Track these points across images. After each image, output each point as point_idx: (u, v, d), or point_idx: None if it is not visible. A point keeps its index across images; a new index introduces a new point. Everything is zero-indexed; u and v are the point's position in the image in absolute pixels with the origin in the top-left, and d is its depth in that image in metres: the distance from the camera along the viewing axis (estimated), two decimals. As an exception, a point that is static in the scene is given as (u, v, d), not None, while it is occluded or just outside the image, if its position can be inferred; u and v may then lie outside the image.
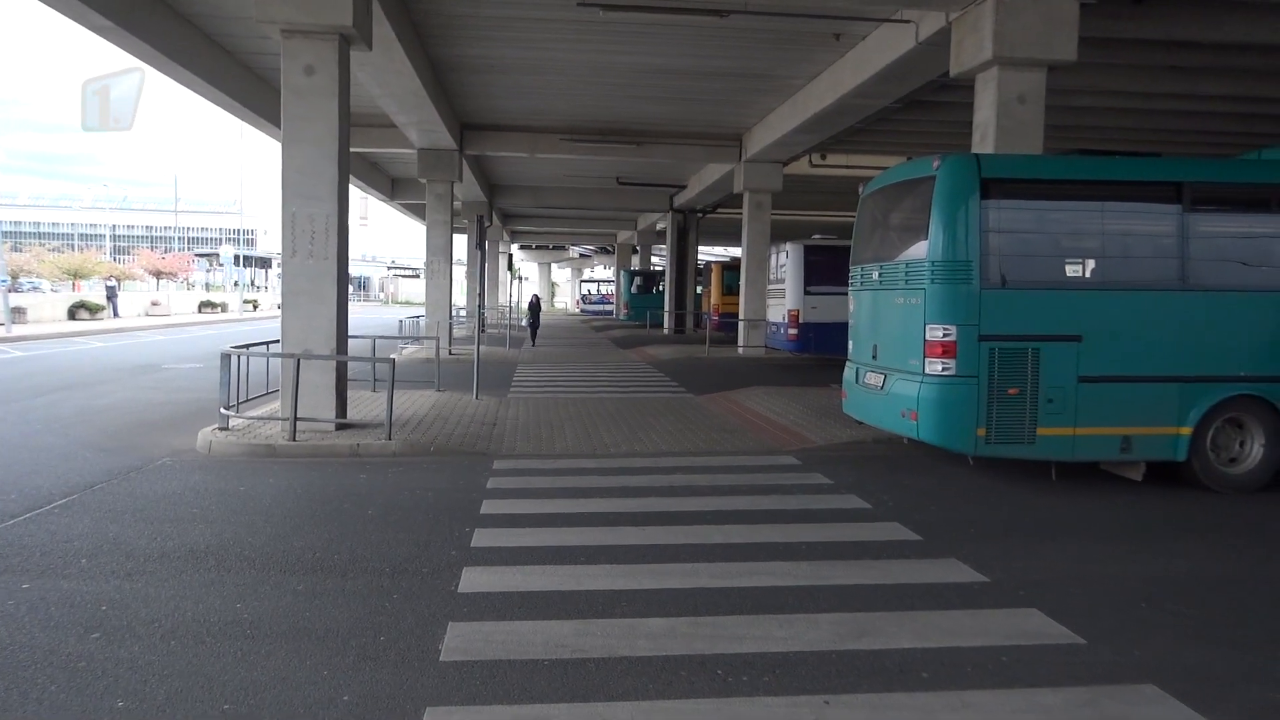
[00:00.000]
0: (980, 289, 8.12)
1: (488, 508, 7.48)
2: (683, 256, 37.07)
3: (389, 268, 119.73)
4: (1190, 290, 8.37)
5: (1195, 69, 15.05)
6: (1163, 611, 5.23)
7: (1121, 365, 8.27)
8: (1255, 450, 8.44)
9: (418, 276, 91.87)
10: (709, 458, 9.87)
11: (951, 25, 11.55)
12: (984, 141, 11.13)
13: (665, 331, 36.07)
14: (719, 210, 34.56)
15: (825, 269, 21.27)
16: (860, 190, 10.25)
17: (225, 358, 10.54)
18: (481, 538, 6.56)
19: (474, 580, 5.59)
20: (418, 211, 38.55)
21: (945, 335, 8.21)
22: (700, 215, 36.07)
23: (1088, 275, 8.58)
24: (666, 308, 37.54)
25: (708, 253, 54.20)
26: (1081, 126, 19.11)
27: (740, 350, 25.19)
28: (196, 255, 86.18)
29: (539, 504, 7.63)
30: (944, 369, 8.22)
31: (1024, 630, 4.88)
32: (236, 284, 63.50)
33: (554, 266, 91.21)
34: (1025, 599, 5.36)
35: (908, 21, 12.88)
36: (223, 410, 10.45)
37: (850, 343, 10.20)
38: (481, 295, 15.54)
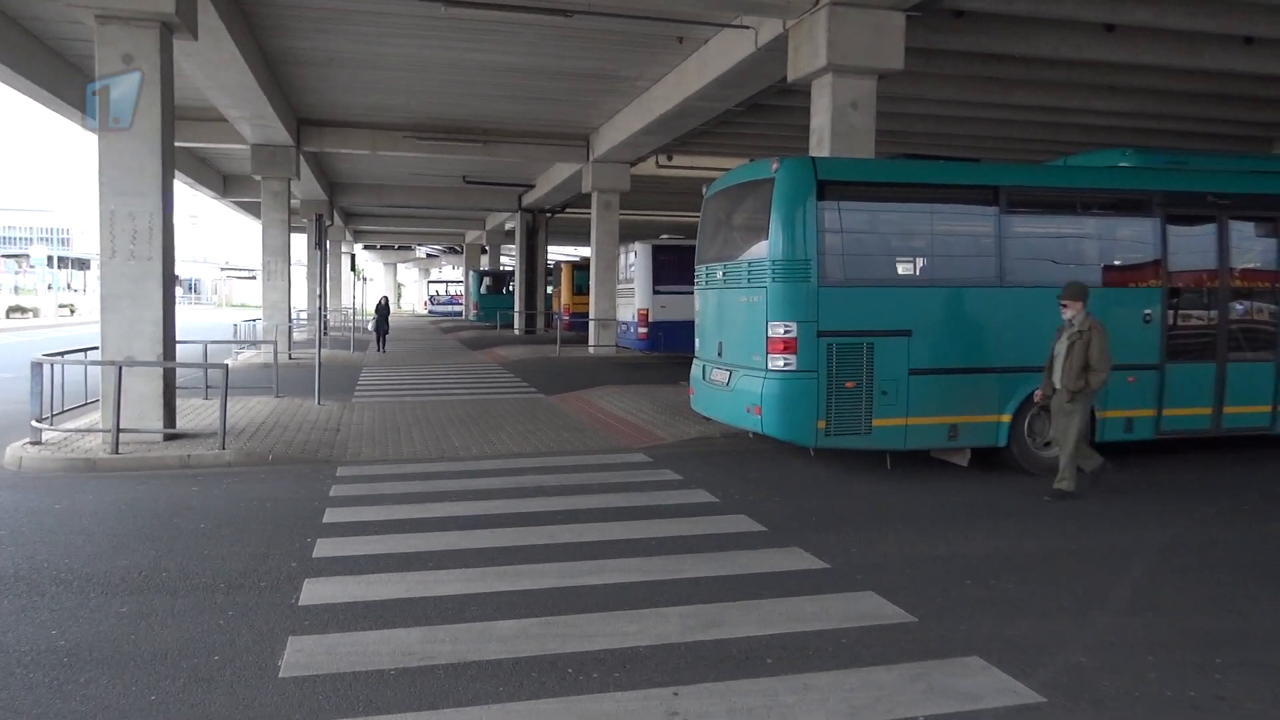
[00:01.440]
0: (818, 287, 8.43)
1: (331, 516, 7.23)
2: (532, 256, 36.92)
3: (223, 269, 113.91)
4: (1007, 287, 8.95)
5: (1010, 80, 16.11)
6: (985, 588, 5.57)
7: (947, 358, 8.76)
8: (1066, 435, 9.11)
9: (254, 278, 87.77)
10: (560, 458, 9.86)
11: (788, 33, 11.95)
12: (820, 145, 11.57)
13: (516, 332, 35.82)
14: (568, 210, 34.59)
15: (674, 268, 21.61)
16: (704, 191, 10.47)
17: (37, 366, 9.78)
18: (324, 547, 6.33)
19: (316, 592, 5.38)
20: (253, 210, 36.84)
21: (786, 332, 8.48)
22: (549, 215, 36.01)
23: (916, 273, 9.06)
24: (517, 308, 37.29)
25: (558, 252, 54.13)
26: (910, 132, 20.16)
27: (591, 350, 25.29)
28: (3, 256, 79.54)
29: (386, 510, 7.43)
30: (785, 365, 8.49)
31: (861, 612, 5.10)
32: (50, 287, 58.98)
33: (400, 267, 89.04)
34: (862, 583, 5.61)
35: (747, 28, 13.24)
36: (34, 423, 9.69)
37: (697, 340, 10.41)
38: (323, 297, 15.00)
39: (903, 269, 9.16)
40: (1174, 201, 9.38)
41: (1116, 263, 9.54)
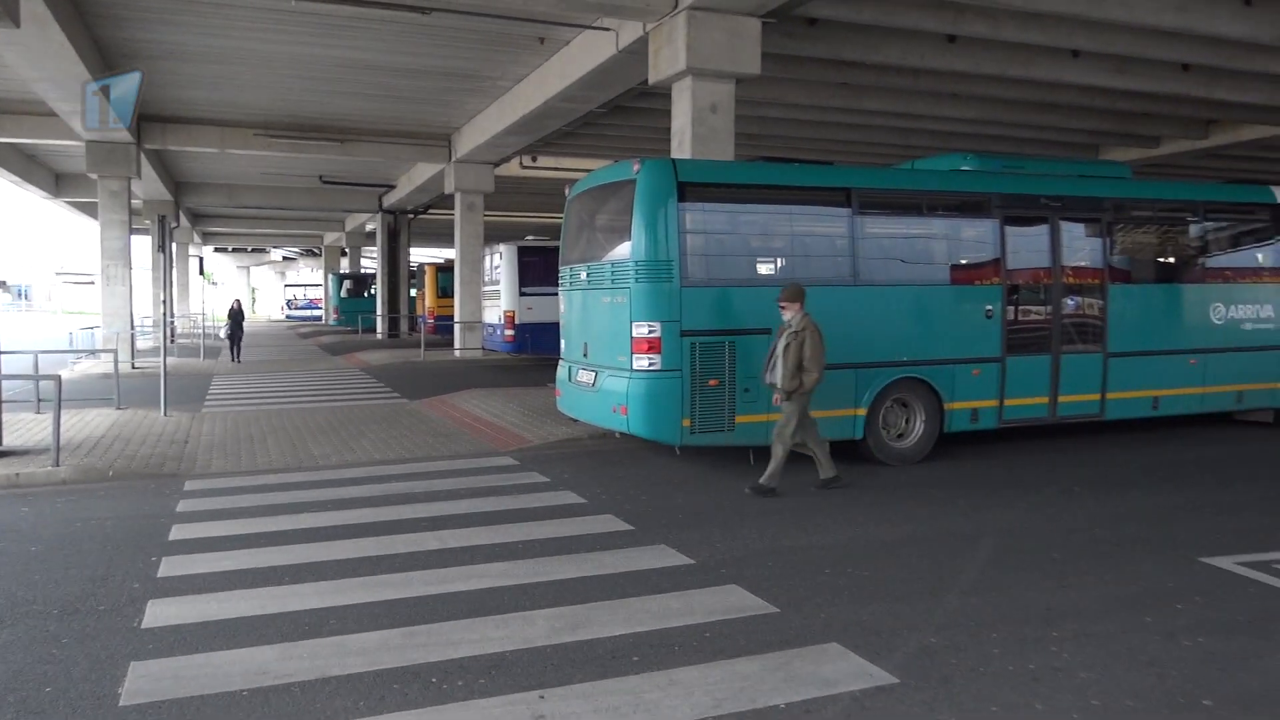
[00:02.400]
0: (681, 287, 8.55)
1: (178, 533, 6.87)
2: (395, 258, 36.07)
3: (57, 274, 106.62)
4: (860, 285, 9.29)
5: (861, 87, 16.75)
6: (843, 576, 5.77)
7: (806, 355, 9.01)
8: (918, 426, 9.54)
9: (93, 283, 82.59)
10: (425, 463, 9.67)
11: (649, 35, 12.07)
12: (681, 147, 11.74)
13: (379, 336, 34.91)
14: (431, 211, 33.97)
15: (540, 269, 21.49)
16: (566, 192, 10.46)
17: None
18: (170, 566, 6.01)
19: (161, 613, 5.10)
20: (91, 211, 34.61)
21: (650, 332, 8.56)
22: (412, 216, 35.27)
23: (775, 273, 9.30)
24: (379, 311, 36.35)
25: (421, 254, 53.11)
26: (768, 135, 20.70)
27: (457, 353, 24.91)
28: None
29: (239, 524, 7.11)
30: (650, 364, 8.57)
31: (726, 606, 5.19)
32: None
33: (255, 270, 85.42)
34: (727, 577, 5.71)
35: (608, 30, 13.31)
36: None
37: (563, 342, 10.38)
38: (168, 302, 14.24)
39: (763, 269, 9.39)
40: (1010, 204, 9.95)
41: (961, 261, 10.04)
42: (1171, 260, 11.14)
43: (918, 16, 12.64)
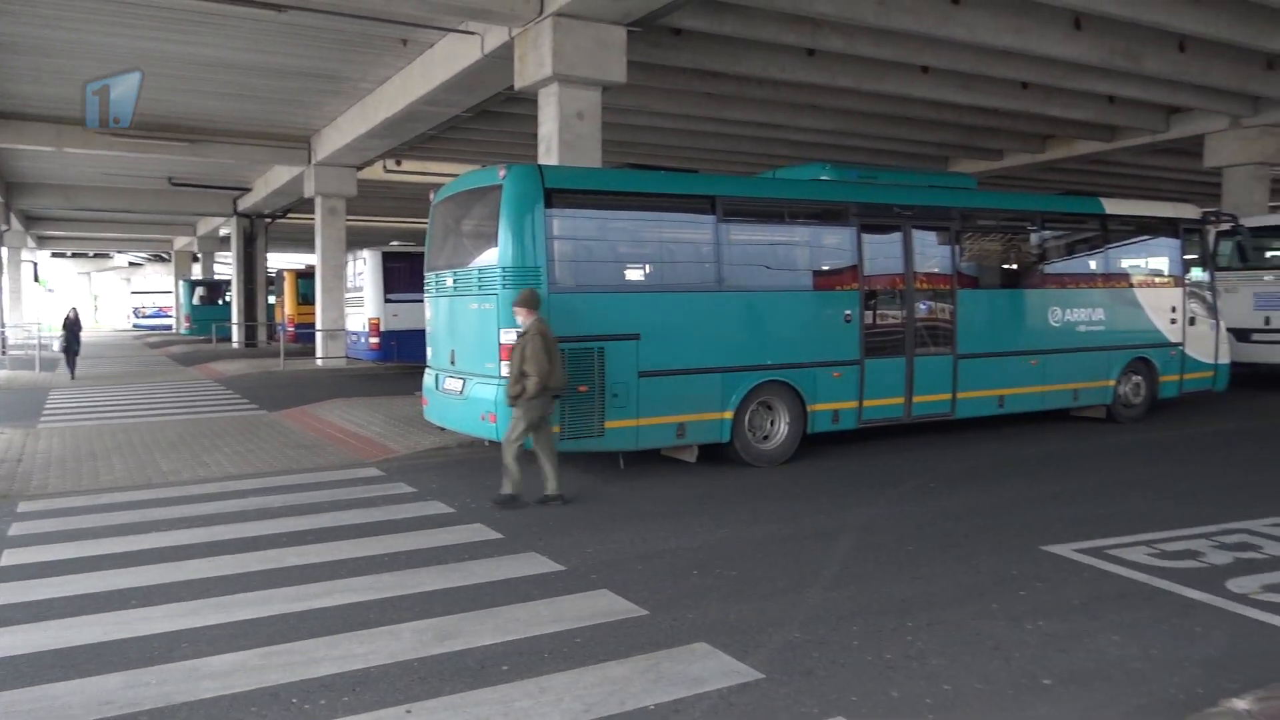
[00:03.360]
0: (549, 293, 8.53)
1: (10, 559, 6.41)
2: (251, 264, 34.63)
3: None
4: (726, 291, 9.49)
5: (725, 97, 17.14)
6: (711, 577, 5.87)
7: (674, 360, 9.14)
8: (782, 428, 9.80)
9: (-87, 290, 75.94)
10: (285, 477, 9.32)
11: (515, 41, 12.01)
12: (549, 153, 11.72)
13: (235, 346, 33.42)
14: (290, 215, 32.77)
15: (405, 275, 21.03)
16: (431, 198, 10.29)
17: None
18: (1, 594, 5.59)
19: (-9, 645, 4.75)
20: (-93, 212, 31.91)
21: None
22: (269, 220, 33.95)
23: (642, 279, 9.40)
24: (235, 320, 34.83)
25: (281, 260, 51.15)
26: (636, 143, 20.92)
27: (319, 362, 24.12)
28: None
29: (80, 547, 6.68)
30: (519, 371, 8.49)
31: (596, 611, 5.21)
32: None
33: (98, 276, 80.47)
34: (597, 581, 5.73)
35: (473, 34, 13.17)
36: None
37: (429, 349, 10.20)
38: (-2, 311, 13.26)
39: (630, 275, 9.47)
40: (867, 212, 10.36)
41: (821, 268, 10.38)
42: (1014, 266, 11.82)
43: (777, 30, 13.01)
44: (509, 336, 8.52)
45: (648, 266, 9.51)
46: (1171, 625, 4.97)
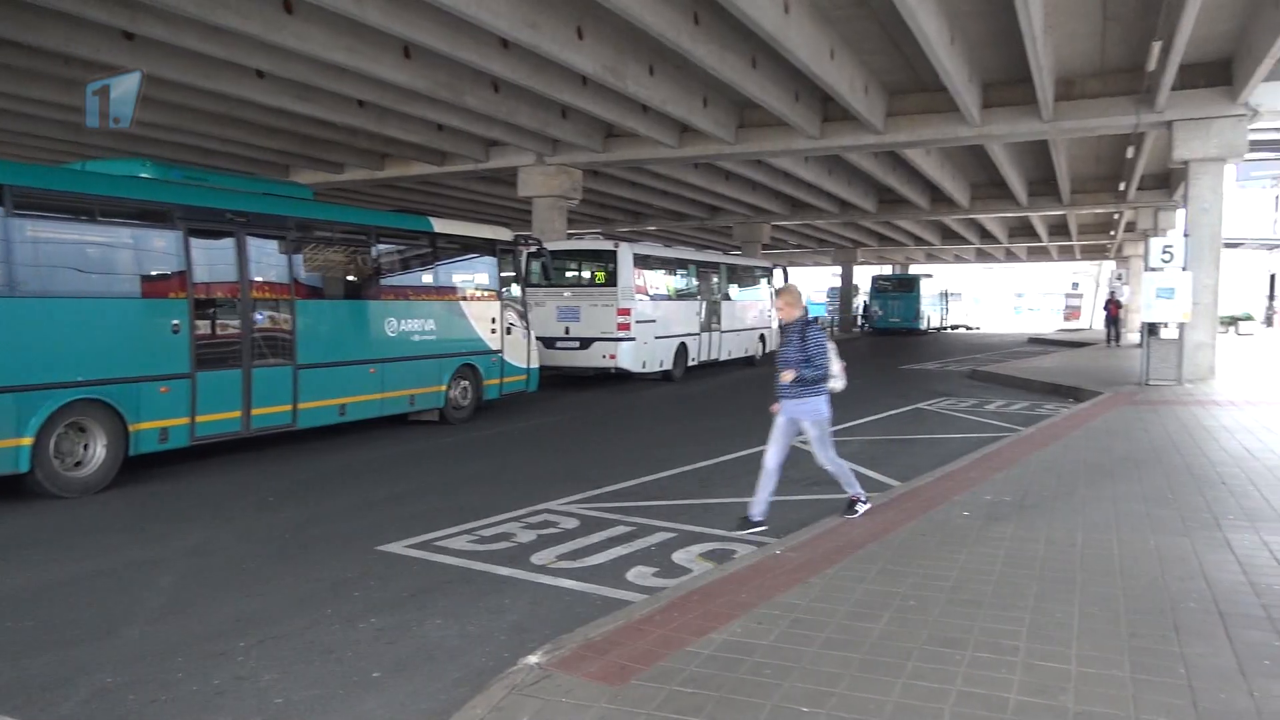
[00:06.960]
0: None
1: None
2: None
3: None
4: (20, 297, 8.13)
5: (22, 70, 14.72)
6: (2, 631, 4.97)
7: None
8: (99, 451, 8.70)
9: None
10: None
11: None
12: None
13: None
14: None
15: None
16: None
17: None
18: None
19: None
20: None
21: None
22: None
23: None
24: None
25: None
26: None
27: None
28: None
29: None
30: None
31: None
32: None
33: None
34: None
35: None
36: None
37: None
38: None
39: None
40: (194, 216, 9.72)
41: (142, 273, 9.42)
42: (352, 278, 12.12)
43: (82, 3, 11.55)
44: None
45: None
46: (487, 602, 5.55)
